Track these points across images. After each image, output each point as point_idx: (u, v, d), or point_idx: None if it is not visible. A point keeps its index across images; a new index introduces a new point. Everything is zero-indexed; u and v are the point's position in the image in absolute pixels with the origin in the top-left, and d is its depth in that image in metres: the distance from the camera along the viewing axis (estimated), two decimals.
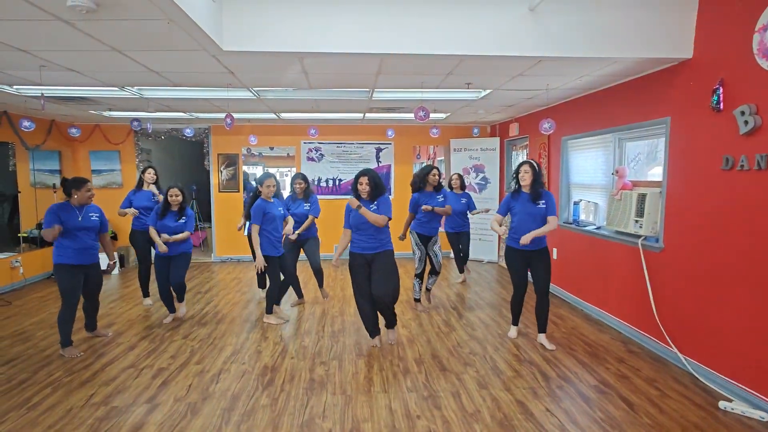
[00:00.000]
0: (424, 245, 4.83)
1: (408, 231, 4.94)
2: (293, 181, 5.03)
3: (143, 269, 5.17)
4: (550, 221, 3.77)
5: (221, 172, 7.92)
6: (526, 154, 6.77)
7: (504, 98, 5.43)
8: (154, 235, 4.30)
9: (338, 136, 7.97)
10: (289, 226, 4.52)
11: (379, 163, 8.07)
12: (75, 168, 7.54)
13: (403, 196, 8.07)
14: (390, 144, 8.03)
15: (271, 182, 4.32)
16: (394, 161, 8.11)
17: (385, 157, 8.09)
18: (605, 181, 4.81)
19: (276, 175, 4.56)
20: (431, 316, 4.80)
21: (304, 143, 7.96)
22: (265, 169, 7.82)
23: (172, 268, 4.36)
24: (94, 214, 3.89)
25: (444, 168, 8.20)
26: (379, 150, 8.06)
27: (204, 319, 4.73)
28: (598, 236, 4.75)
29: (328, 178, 8.06)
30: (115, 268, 4.10)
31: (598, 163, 4.98)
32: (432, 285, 5.09)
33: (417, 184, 4.80)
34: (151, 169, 5.11)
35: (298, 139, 7.93)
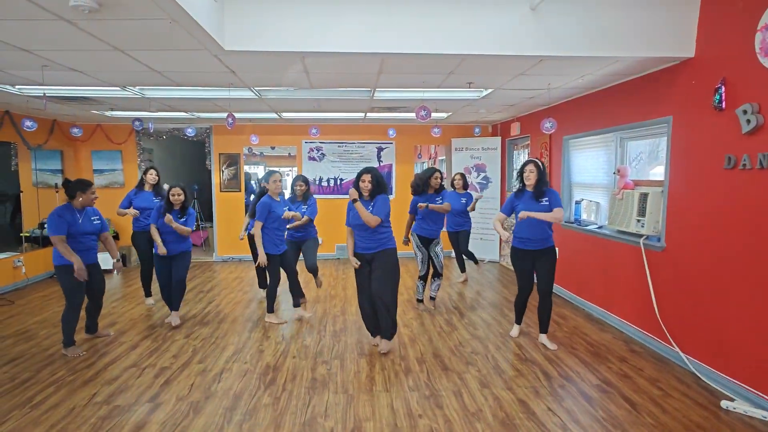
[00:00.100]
0: (426, 247, 4.80)
1: (410, 233, 4.91)
2: (294, 183, 5.02)
3: (145, 269, 5.17)
4: (555, 211, 3.68)
5: (223, 172, 7.93)
6: (528, 154, 6.77)
7: (505, 97, 5.43)
8: (155, 234, 4.29)
9: (339, 135, 7.98)
10: (291, 214, 4.51)
11: (381, 162, 8.07)
12: (77, 168, 7.56)
13: (404, 196, 8.07)
14: (391, 143, 8.03)
15: (277, 177, 4.32)
16: (396, 161, 8.11)
17: (387, 157, 8.09)
18: (607, 181, 4.80)
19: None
20: (433, 316, 4.81)
21: (306, 143, 7.96)
22: (266, 169, 7.81)
23: (173, 267, 4.37)
24: (95, 218, 3.91)
25: (445, 167, 8.20)
26: (380, 149, 8.06)
27: (206, 319, 4.74)
28: (600, 236, 4.75)
29: (329, 178, 8.06)
30: (121, 267, 4.09)
31: (599, 162, 4.97)
32: (436, 291, 5.02)
33: (419, 187, 4.75)
34: (153, 170, 5.11)
35: (299, 139, 7.94)
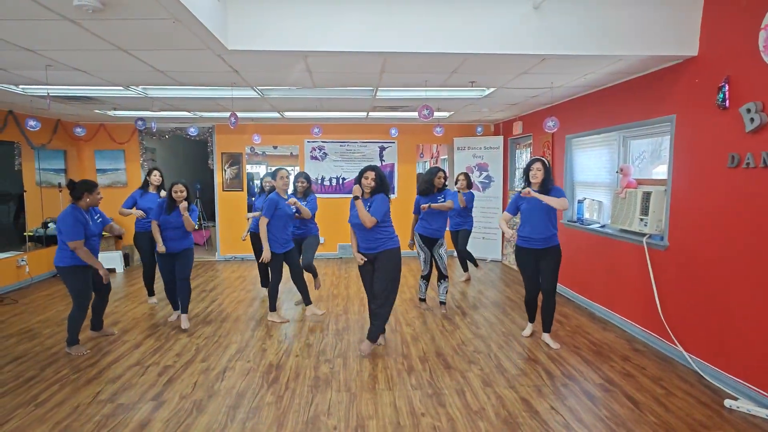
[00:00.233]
0: (429, 248, 4.74)
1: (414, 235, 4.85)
2: (296, 180, 5.03)
3: (147, 270, 5.18)
4: (561, 199, 3.64)
5: (225, 171, 7.94)
6: (530, 153, 6.76)
7: (508, 96, 5.43)
8: (156, 231, 4.29)
9: (342, 134, 7.98)
10: (293, 201, 4.50)
11: (383, 161, 8.07)
12: (80, 167, 7.58)
13: (407, 196, 8.10)
14: (393, 143, 8.03)
15: (284, 173, 4.32)
16: (398, 160, 8.11)
17: (389, 156, 8.09)
18: (609, 180, 4.80)
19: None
20: (435, 315, 4.81)
21: (308, 142, 7.97)
22: (269, 168, 7.82)
23: (177, 266, 4.37)
24: (98, 216, 3.94)
25: (447, 167, 8.20)
26: (382, 149, 8.05)
27: (209, 318, 4.75)
28: (603, 235, 4.74)
29: (331, 177, 8.06)
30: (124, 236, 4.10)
31: (602, 161, 4.96)
32: (444, 295, 4.86)
33: (426, 187, 4.68)
34: (156, 171, 5.11)
35: (301, 138, 7.94)
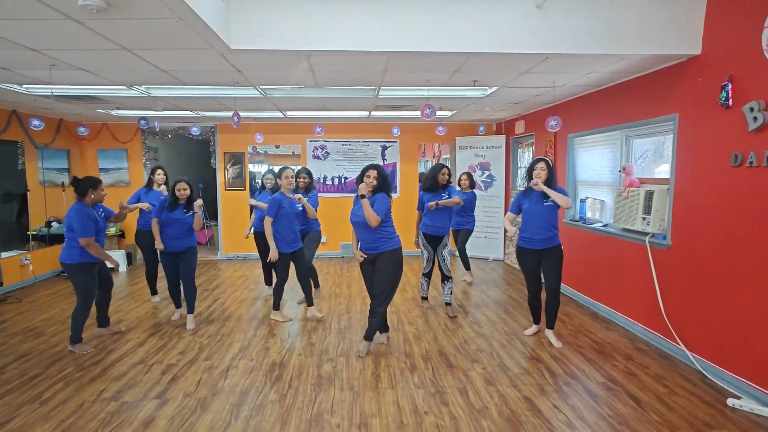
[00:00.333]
0: (433, 247, 4.70)
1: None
2: (297, 176, 5.03)
3: (150, 268, 5.20)
4: (566, 197, 3.68)
5: (227, 171, 7.96)
6: (532, 152, 6.76)
7: (510, 96, 5.43)
8: (155, 229, 4.29)
9: (344, 134, 7.99)
10: (298, 197, 4.50)
11: (385, 160, 8.07)
12: (83, 166, 7.60)
13: (409, 195, 8.11)
14: (396, 142, 8.03)
15: (290, 173, 4.33)
16: (400, 159, 8.11)
17: (391, 155, 8.09)
18: (612, 179, 4.79)
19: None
20: (437, 314, 4.81)
21: (310, 141, 7.98)
22: (271, 168, 7.83)
23: (182, 266, 4.38)
24: (102, 211, 3.95)
25: (449, 166, 8.19)
26: (384, 148, 8.06)
27: (212, 316, 4.77)
28: (605, 234, 4.74)
29: (333, 176, 8.07)
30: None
31: (605, 160, 4.96)
32: (449, 296, 4.77)
33: (430, 183, 4.67)
34: (160, 170, 5.12)
35: (303, 138, 7.95)
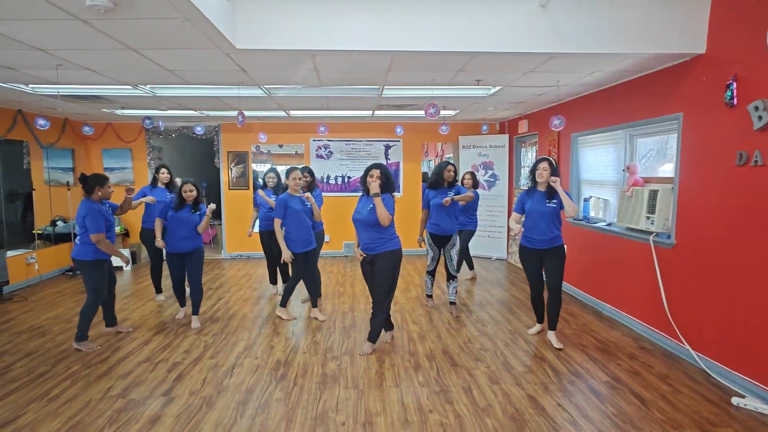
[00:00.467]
0: (439, 246, 4.65)
1: (423, 232, 4.79)
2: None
3: (155, 267, 5.23)
4: (574, 206, 3.66)
5: (231, 170, 7.98)
6: (536, 151, 6.76)
7: (514, 95, 5.43)
8: (158, 227, 4.30)
9: (347, 133, 8.00)
10: (306, 195, 4.50)
11: (388, 160, 8.08)
12: (88, 166, 7.64)
13: (412, 194, 8.12)
14: (399, 141, 8.04)
15: (297, 174, 4.32)
16: (403, 158, 8.12)
17: (394, 155, 8.10)
18: (616, 178, 4.79)
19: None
20: (441, 313, 4.82)
21: (313, 140, 7.99)
22: (273, 166, 7.84)
23: (188, 269, 4.38)
24: (107, 206, 3.97)
25: None
26: (387, 147, 8.07)
27: (216, 315, 4.79)
28: (609, 233, 4.74)
29: (336, 176, 8.08)
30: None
31: (608, 159, 4.96)
32: (454, 296, 4.77)
33: (435, 181, 4.65)
34: (164, 169, 5.13)
35: (307, 137, 7.97)
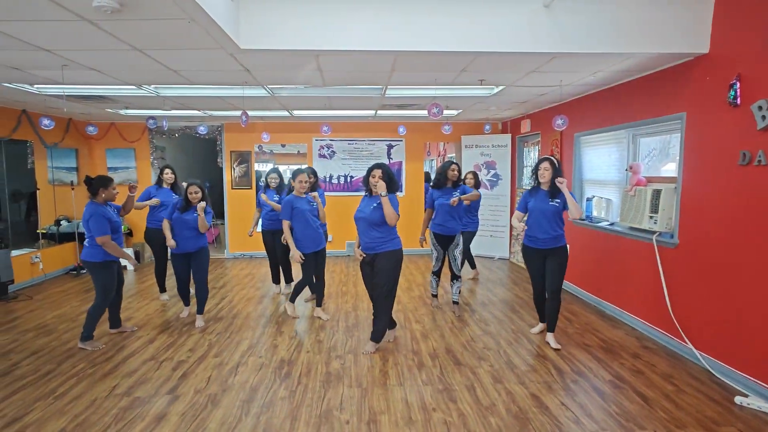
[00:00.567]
0: (443, 246, 4.66)
1: (426, 232, 4.80)
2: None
3: (159, 266, 5.25)
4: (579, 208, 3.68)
5: (234, 170, 8.00)
6: (538, 151, 6.76)
7: (517, 95, 5.44)
8: (166, 228, 4.33)
9: (350, 133, 8.02)
10: (313, 194, 4.52)
11: (391, 159, 8.09)
12: (92, 165, 7.67)
13: (414, 193, 8.13)
14: (401, 141, 8.05)
15: (303, 177, 4.34)
16: (406, 158, 8.13)
17: (397, 154, 8.11)
18: (619, 177, 4.80)
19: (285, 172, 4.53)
20: (444, 312, 4.83)
21: (316, 140, 8.01)
22: (275, 167, 7.85)
23: (194, 268, 4.40)
24: (113, 209, 4.00)
25: None
26: (390, 147, 8.08)
27: (220, 314, 4.81)
28: (612, 232, 4.74)
29: (339, 175, 8.10)
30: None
31: (611, 159, 4.96)
32: (457, 295, 4.79)
33: (439, 181, 4.65)
34: (168, 170, 5.14)
35: (309, 137, 7.99)
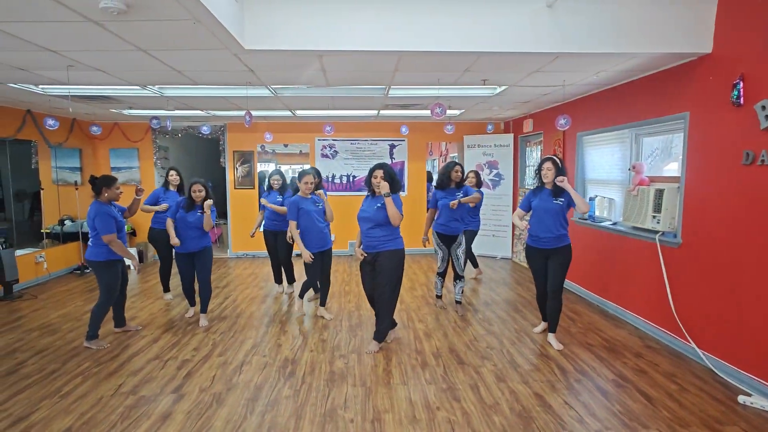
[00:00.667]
0: (447, 246, 4.68)
1: (430, 231, 4.80)
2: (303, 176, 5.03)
3: (164, 266, 5.26)
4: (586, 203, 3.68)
5: (237, 169, 8.02)
6: (541, 151, 6.77)
7: (519, 94, 5.44)
8: (170, 228, 4.34)
9: (352, 132, 8.03)
10: (319, 192, 4.53)
11: (393, 159, 8.10)
12: (95, 165, 7.70)
13: (417, 193, 8.14)
14: (404, 140, 8.06)
15: (309, 179, 4.34)
16: (408, 158, 8.14)
17: (399, 154, 8.12)
18: (621, 177, 4.80)
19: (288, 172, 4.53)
20: (447, 312, 4.84)
21: (318, 140, 8.03)
22: (278, 166, 7.89)
23: (197, 268, 4.42)
24: (117, 210, 4.02)
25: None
26: (392, 146, 8.09)
27: (224, 314, 4.83)
28: (615, 232, 4.74)
29: (342, 175, 8.11)
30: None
31: (614, 158, 4.96)
32: (460, 295, 4.83)
33: (443, 182, 4.65)
34: (173, 171, 5.14)
35: (312, 136, 8.01)
